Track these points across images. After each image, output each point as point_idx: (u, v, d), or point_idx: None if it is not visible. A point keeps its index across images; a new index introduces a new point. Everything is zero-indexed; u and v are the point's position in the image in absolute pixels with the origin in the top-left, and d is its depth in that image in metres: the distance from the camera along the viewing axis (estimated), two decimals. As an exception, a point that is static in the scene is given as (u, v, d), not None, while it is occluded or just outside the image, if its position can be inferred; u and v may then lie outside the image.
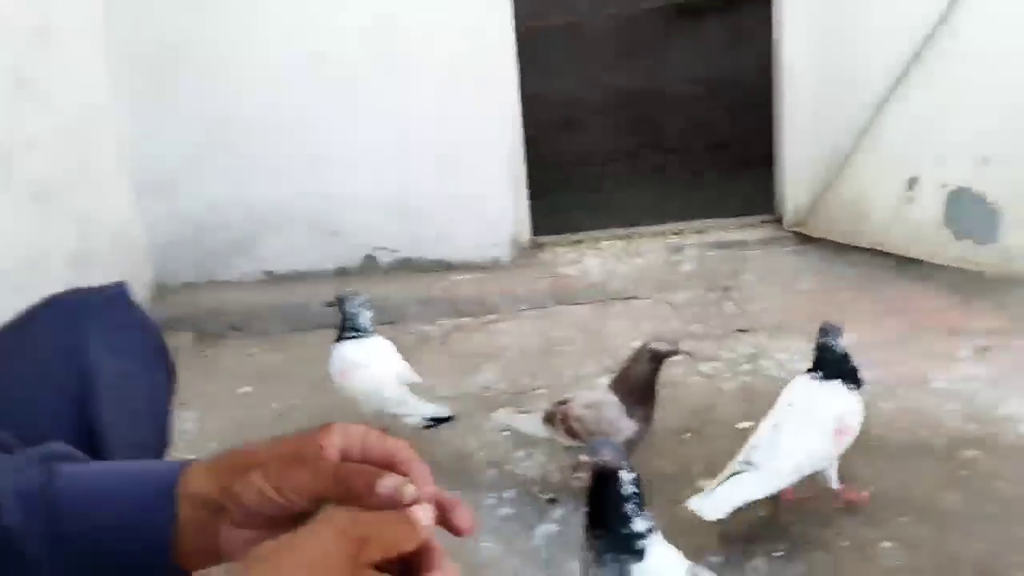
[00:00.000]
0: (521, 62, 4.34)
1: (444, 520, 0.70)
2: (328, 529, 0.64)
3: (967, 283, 3.68)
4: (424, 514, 0.68)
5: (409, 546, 0.66)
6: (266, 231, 4.25)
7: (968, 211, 3.60)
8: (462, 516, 0.71)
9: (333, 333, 3.97)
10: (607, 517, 1.60)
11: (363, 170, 4.18)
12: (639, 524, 1.60)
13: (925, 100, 3.68)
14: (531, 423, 2.57)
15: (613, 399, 2.40)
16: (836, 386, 2.17)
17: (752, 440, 2.14)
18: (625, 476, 1.59)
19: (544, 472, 2.68)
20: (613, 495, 1.59)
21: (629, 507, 1.59)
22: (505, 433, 2.92)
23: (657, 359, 2.38)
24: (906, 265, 3.93)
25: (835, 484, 2.23)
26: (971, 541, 2.18)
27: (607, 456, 1.60)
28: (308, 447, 0.74)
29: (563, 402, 2.52)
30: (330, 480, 0.71)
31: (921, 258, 3.86)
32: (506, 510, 2.51)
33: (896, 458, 2.57)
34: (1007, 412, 2.78)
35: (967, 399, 2.88)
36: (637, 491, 1.60)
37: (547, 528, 2.39)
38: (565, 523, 2.41)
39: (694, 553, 2.21)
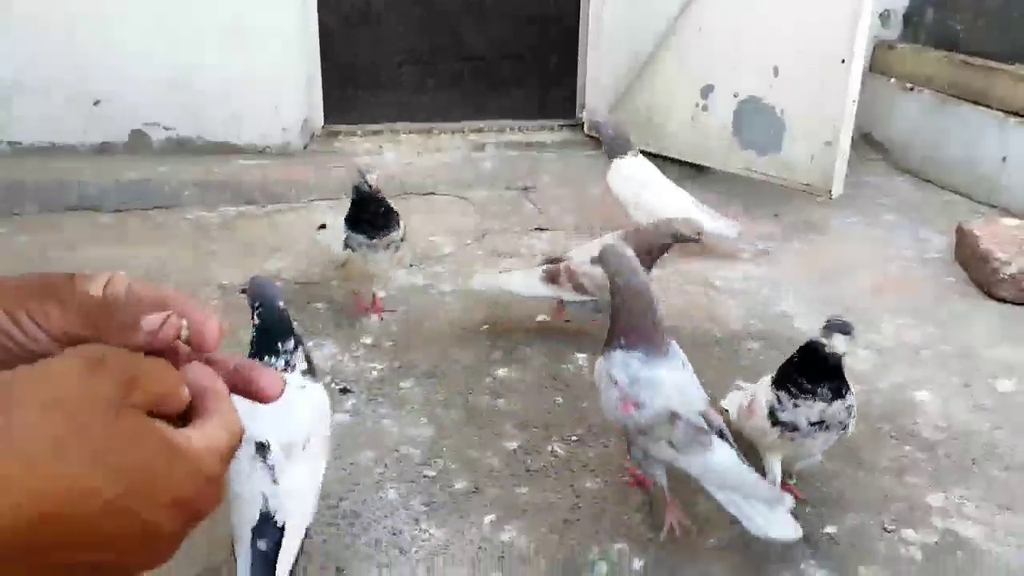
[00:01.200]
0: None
1: (247, 387, 0.57)
2: (80, 361, 0.48)
3: (749, 191, 3.86)
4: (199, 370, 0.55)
5: (184, 386, 0.52)
6: (13, 96, 3.66)
7: (757, 121, 3.74)
8: (268, 379, 0.58)
9: (94, 216, 3.55)
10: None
11: (132, 33, 3.68)
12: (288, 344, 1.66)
13: (722, 9, 3.74)
14: (528, 283, 2.59)
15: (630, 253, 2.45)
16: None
17: None
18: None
19: (335, 362, 2.52)
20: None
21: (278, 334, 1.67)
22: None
23: (678, 239, 2.46)
24: (696, 172, 4.06)
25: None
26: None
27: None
28: (60, 280, 0.56)
29: (555, 260, 2.60)
30: (85, 314, 0.54)
31: (710, 166, 3.99)
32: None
33: (686, 349, 2.63)
34: (783, 309, 2.95)
35: (748, 297, 3.02)
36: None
37: (339, 418, 2.24)
38: (357, 413, 2.27)
39: (493, 438, 2.18)
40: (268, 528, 1.52)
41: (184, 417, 0.53)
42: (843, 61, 3.45)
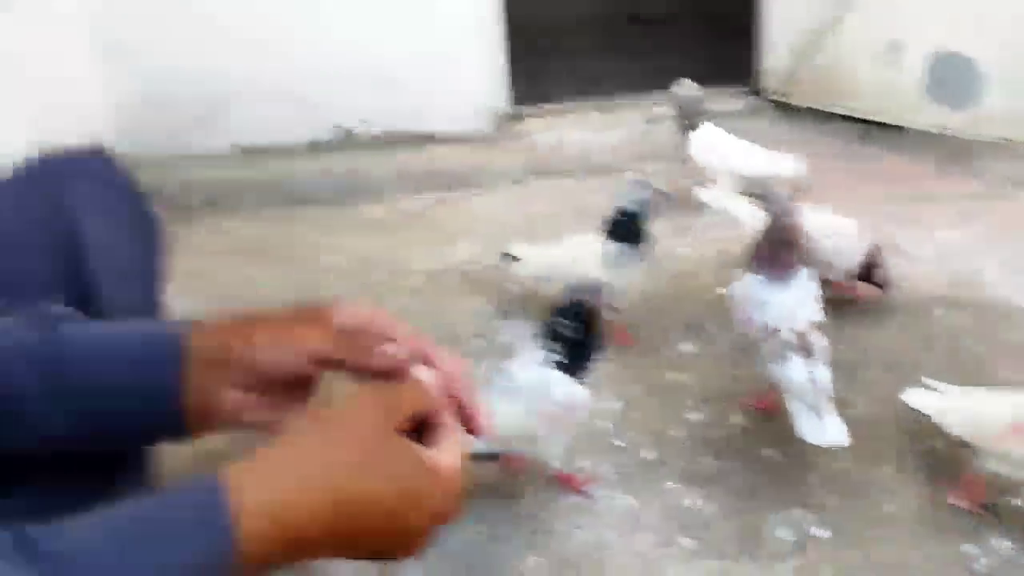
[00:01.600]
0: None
1: (463, 419, 0.74)
2: (363, 401, 0.67)
3: (943, 149, 3.68)
4: (427, 375, 0.72)
5: (426, 407, 0.70)
6: (232, 102, 4.12)
7: (952, 75, 3.56)
8: (479, 419, 0.75)
9: (307, 208, 3.89)
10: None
11: (331, 37, 4.05)
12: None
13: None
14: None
15: (854, 244, 2.58)
16: None
17: None
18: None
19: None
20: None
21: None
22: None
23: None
24: (882, 131, 3.92)
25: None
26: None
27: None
28: (313, 312, 0.76)
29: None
30: (335, 341, 0.74)
31: (899, 124, 3.84)
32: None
33: (875, 321, 2.63)
34: (981, 276, 2.84)
35: (943, 263, 2.93)
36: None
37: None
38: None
39: (673, 411, 2.29)
40: None
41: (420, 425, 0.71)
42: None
